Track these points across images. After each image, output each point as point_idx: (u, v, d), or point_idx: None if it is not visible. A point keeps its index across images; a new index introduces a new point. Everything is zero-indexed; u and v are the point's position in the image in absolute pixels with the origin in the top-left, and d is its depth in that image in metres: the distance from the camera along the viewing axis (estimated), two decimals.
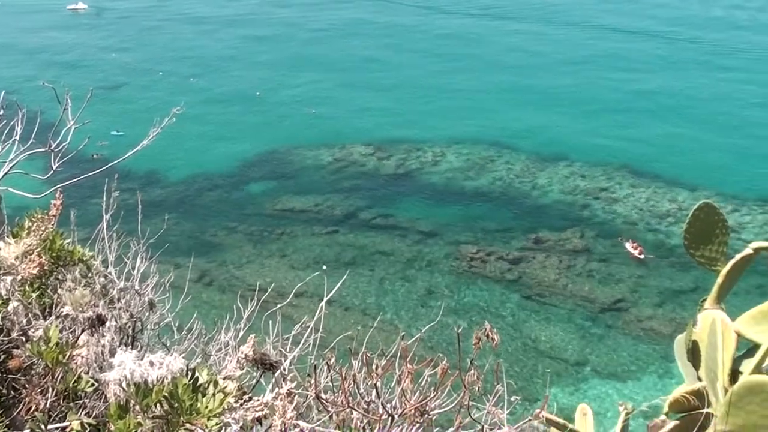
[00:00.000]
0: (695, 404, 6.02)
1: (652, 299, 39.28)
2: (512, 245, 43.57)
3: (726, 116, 60.43)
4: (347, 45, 79.45)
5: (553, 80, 67.63)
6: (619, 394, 32.26)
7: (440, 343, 30.61)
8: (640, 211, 46.74)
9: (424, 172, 52.18)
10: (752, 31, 79.50)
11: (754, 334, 5.95)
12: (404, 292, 40.03)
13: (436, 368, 4.85)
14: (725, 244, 6.32)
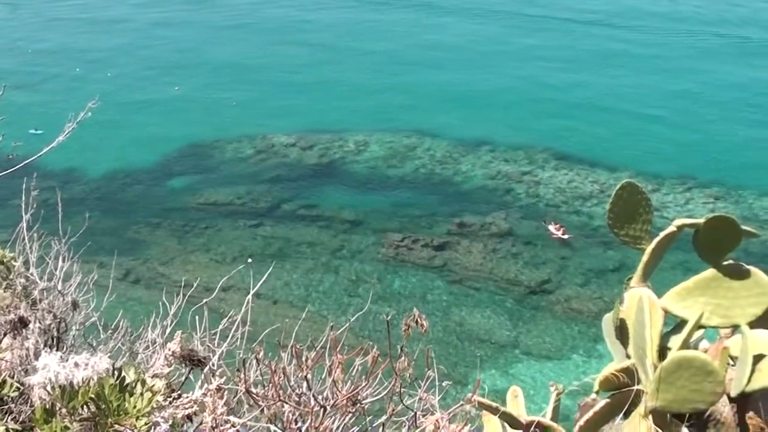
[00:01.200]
0: (625, 382, 6.08)
1: (578, 279, 39.75)
2: (437, 231, 43.76)
3: (642, 96, 61.25)
4: (264, 37, 78.70)
5: (472, 70, 67.79)
6: (550, 375, 32.60)
7: (371, 331, 30.69)
8: (563, 193, 47.23)
9: (348, 162, 52.11)
10: (666, 17, 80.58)
11: (680, 310, 6.03)
12: (332, 282, 40.00)
13: (367, 357, 4.83)
14: (649, 223, 6.39)
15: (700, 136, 54.62)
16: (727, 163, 50.89)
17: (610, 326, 6.71)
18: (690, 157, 51.58)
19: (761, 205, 46.18)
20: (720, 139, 54.28)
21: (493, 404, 6.35)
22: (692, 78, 64.87)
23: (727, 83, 63.92)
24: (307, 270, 41.04)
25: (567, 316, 37.19)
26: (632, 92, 61.97)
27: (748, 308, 6.13)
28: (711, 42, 74.14)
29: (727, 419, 5.84)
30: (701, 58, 69.73)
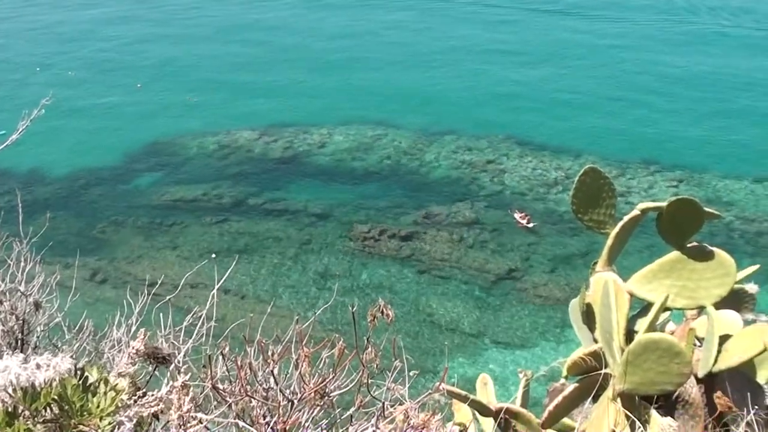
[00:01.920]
0: (593, 366, 6.10)
1: (545, 266, 39.91)
2: (404, 222, 43.78)
3: (603, 84, 61.55)
4: (223, 34, 78.35)
5: (433, 63, 67.83)
6: (520, 362, 32.73)
7: (339, 324, 30.66)
8: (528, 180, 47.37)
9: (312, 155, 52.00)
10: (625, 6, 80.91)
11: (646, 293, 6.07)
12: (299, 275, 39.93)
13: (333, 349, 4.82)
14: (613, 207, 6.42)
15: (663, 121, 54.97)
16: (689, 146, 51.26)
17: (576, 311, 6.74)
18: (653, 141, 51.92)
19: (724, 186, 46.56)
20: (682, 124, 54.65)
21: (462, 392, 6.36)
22: (651, 65, 65.24)
23: (688, 70, 64.31)
24: (275, 264, 40.95)
25: (535, 302, 37.33)
26: (593, 80, 62.26)
27: (712, 289, 6.18)
28: (671, 30, 74.51)
29: (695, 400, 5.88)
30: (661, 46, 70.11)
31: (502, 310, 37.27)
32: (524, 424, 6.57)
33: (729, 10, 77.36)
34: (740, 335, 5.99)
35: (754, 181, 47.01)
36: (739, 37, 71.06)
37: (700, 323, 6.40)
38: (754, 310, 6.80)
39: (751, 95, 58.55)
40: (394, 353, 4.77)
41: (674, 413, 5.90)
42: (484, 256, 40.79)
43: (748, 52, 67.21)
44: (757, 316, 6.52)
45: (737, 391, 5.87)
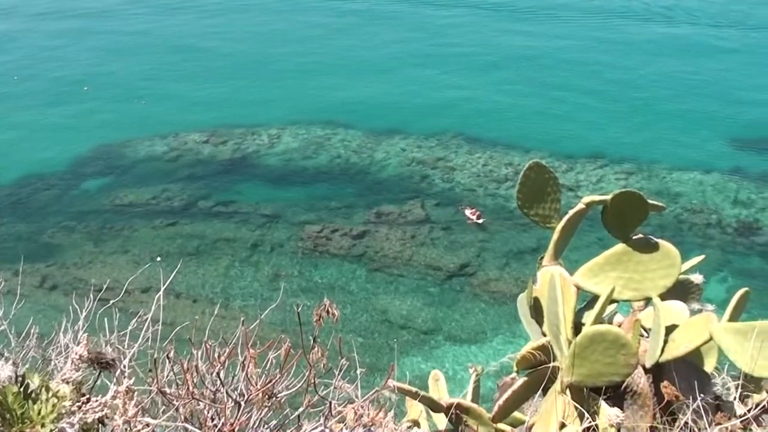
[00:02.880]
0: (542, 359, 6.15)
1: (497, 262, 40.06)
2: (355, 221, 43.75)
3: (550, 79, 61.92)
4: (166, 30, 77.77)
5: (378, 62, 67.86)
6: (474, 357, 32.85)
7: (290, 324, 30.57)
8: (477, 177, 47.52)
9: (262, 155, 51.79)
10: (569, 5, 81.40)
11: (592, 286, 6.13)
12: (251, 277, 39.78)
13: (280, 350, 4.82)
14: (558, 201, 6.48)
15: (610, 116, 55.41)
16: (637, 140, 51.74)
17: (524, 306, 6.80)
18: (600, 136, 52.31)
19: (672, 179, 47.02)
20: (629, 118, 55.14)
21: (413, 389, 6.39)
22: (598, 59, 65.72)
23: (632, 68, 64.90)
24: (227, 266, 40.77)
25: (488, 298, 37.48)
26: (538, 78, 62.54)
27: (658, 280, 6.25)
28: (613, 28, 75.12)
29: (643, 390, 5.94)
30: (603, 44, 70.66)
31: (455, 306, 37.39)
32: (475, 419, 6.62)
33: (675, 10, 78.08)
34: (686, 325, 6.07)
35: (702, 173, 47.54)
36: (681, 36, 71.76)
37: (647, 314, 6.48)
38: (700, 300, 6.90)
39: (696, 92, 59.20)
40: (341, 352, 4.77)
41: (623, 404, 5.96)
42: (437, 253, 40.88)
43: (690, 51, 67.91)
44: (703, 305, 6.60)
45: (684, 380, 5.94)
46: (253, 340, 4.58)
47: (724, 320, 5.99)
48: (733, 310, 6.19)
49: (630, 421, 5.91)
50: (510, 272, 38.86)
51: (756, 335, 5.43)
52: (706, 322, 5.89)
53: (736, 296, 6.31)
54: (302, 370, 4.83)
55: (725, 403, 6.19)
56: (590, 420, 5.65)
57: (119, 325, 5.57)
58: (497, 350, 33.49)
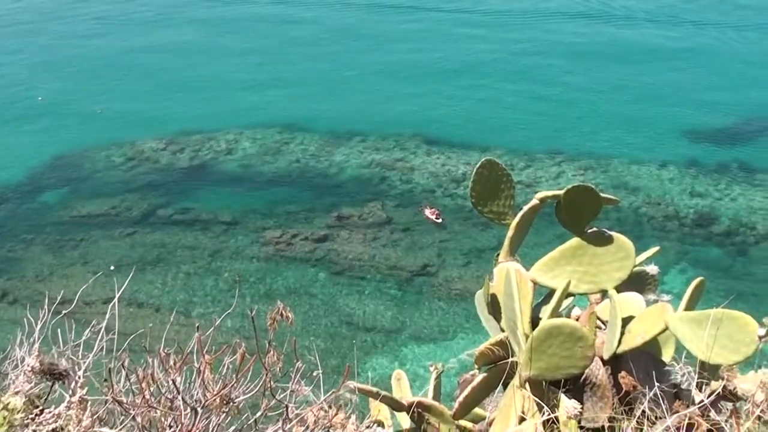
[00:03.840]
0: (501, 355, 6.19)
1: (458, 261, 40.21)
2: (316, 224, 43.70)
3: (505, 76, 62.21)
4: (119, 42, 77.13)
5: (331, 63, 67.81)
6: (437, 356, 32.91)
7: (249, 330, 30.49)
8: (436, 177, 47.64)
9: (220, 162, 51.58)
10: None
11: (548, 281, 6.18)
12: (213, 284, 39.61)
13: (235, 355, 4.82)
14: (512, 198, 6.53)
15: (566, 112, 55.76)
16: (595, 134, 52.13)
17: (482, 302, 6.84)
18: (558, 132, 52.65)
19: (630, 172, 47.43)
20: (585, 113, 55.51)
21: (373, 389, 6.41)
22: (552, 61, 66.10)
23: (591, 62, 65.34)
24: (188, 274, 40.58)
25: (450, 297, 37.61)
26: (493, 75, 62.80)
27: (613, 273, 6.31)
28: (567, 25, 75.62)
29: (602, 381, 6.00)
30: (560, 40, 71.10)
31: (418, 306, 37.48)
32: (437, 417, 6.65)
33: (630, 10, 78.66)
34: (642, 316, 6.14)
35: (659, 166, 47.99)
36: (633, 36, 72.37)
37: (604, 307, 6.54)
38: (656, 291, 6.97)
39: (649, 88, 59.72)
40: (296, 355, 4.77)
41: (583, 396, 6.01)
42: (398, 254, 40.95)
43: (642, 49, 68.47)
44: (659, 296, 6.67)
45: (642, 370, 6.01)
46: (210, 346, 4.57)
47: (680, 310, 6.06)
48: (689, 299, 6.26)
49: (590, 413, 5.97)
50: (471, 270, 39.00)
51: (711, 323, 5.50)
52: (661, 313, 5.96)
53: (691, 286, 6.38)
54: (261, 374, 4.83)
55: (683, 392, 6.26)
56: (549, 413, 5.70)
57: (77, 336, 5.54)
58: (460, 348, 33.55)
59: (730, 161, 48.69)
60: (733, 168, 47.96)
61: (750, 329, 5.43)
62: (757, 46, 66.57)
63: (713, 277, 37.29)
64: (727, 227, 42.32)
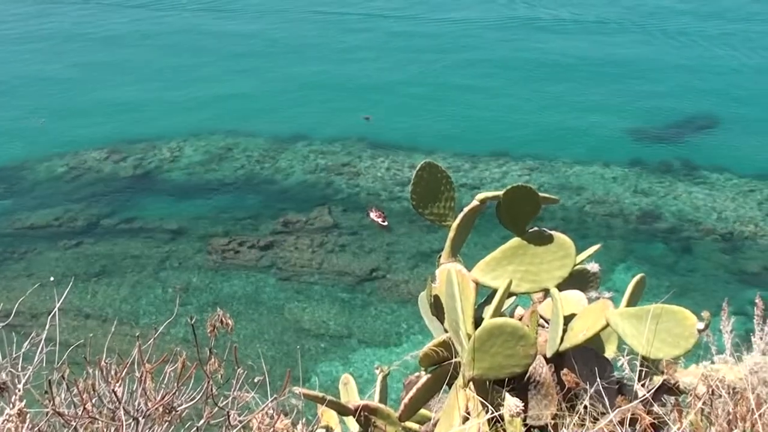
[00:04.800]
0: (445, 356, 6.22)
1: (406, 264, 40.30)
2: (263, 231, 43.56)
3: (447, 78, 62.44)
4: (56, 51, 76.25)
5: (275, 68, 67.67)
6: (387, 359, 32.93)
7: (201, 338, 30.35)
8: (382, 180, 47.72)
9: (164, 170, 51.21)
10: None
11: (490, 281, 6.22)
12: (160, 293, 39.30)
13: (176, 364, 4.80)
14: (452, 200, 6.57)
15: (510, 111, 56.15)
16: (538, 134, 52.53)
17: (425, 304, 6.88)
18: (501, 133, 52.95)
19: (574, 172, 47.86)
20: (529, 113, 55.93)
21: (319, 394, 6.41)
22: (491, 57, 66.55)
23: (531, 59, 65.85)
24: (134, 284, 40.23)
25: (399, 300, 37.67)
26: (438, 77, 63.08)
27: (554, 271, 6.37)
28: (508, 22, 76.15)
29: (546, 379, 6.05)
30: (499, 37, 71.59)
31: (367, 310, 37.51)
32: (383, 419, 6.67)
33: (565, 6, 79.43)
34: (584, 313, 6.21)
35: (602, 165, 48.48)
36: (574, 31, 73.10)
37: (547, 305, 6.60)
38: (598, 289, 7.05)
39: (592, 86, 60.33)
40: (237, 362, 4.76)
41: (528, 394, 6.07)
42: (346, 259, 40.95)
43: (583, 45, 69.20)
44: (600, 293, 6.76)
45: (586, 366, 6.07)
46: (152, 355, 4.55)
47: (621, 306, 6.14)
48: (630, 295, 6.34)
49: (535, 411, 6.02)
50: (419, 273, 39.09)
51: (651, 318, 5.57)
52: (602, 309, 6.03)
53: (632, 282, 6.46)
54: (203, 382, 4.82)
55: (626, 387, 6.33)
56: (493, 412, 5.74)
57: (18, 348, 5.48)
58: (410, 350, 33.46)
59: (672, 160, 49.31)
60: (675, 166, 48.59)
61: (689, 323, 5.51)
62: (691, 50, 67.51)
63: (659, 274, 37.81)
64: (671, 224, 42.85)
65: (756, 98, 57.51)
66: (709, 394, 6.05)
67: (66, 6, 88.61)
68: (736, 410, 5.82)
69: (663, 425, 5.93)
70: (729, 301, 7.57)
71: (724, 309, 6.59)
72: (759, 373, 6.13)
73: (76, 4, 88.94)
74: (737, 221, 42.92)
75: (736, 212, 43.69)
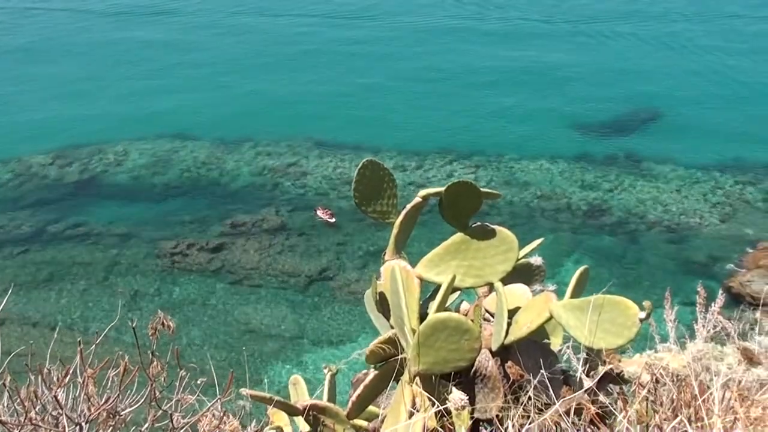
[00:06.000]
0: (391, 352, 6.24)
1: (356, 262, 40.31)
2: (211, 234, 43.32)
3: (392, 77, 62.56)
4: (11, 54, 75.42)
5: (221, 72, 67.37)
6: (337, 359, 32.88)
7: (142, 340, 30.12)
8: (330, 180, 47.70)
9: (110, 174, 50.75)
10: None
11: (434, 276, 6.26)
12: (109, 299, 38.95)
13: (119, 368, 4.78)
14: (395, 197, 6.60)
15: (455, 110, 56.37)
16: (484, 132, 52.78)
17: (370, 301, 6.90)
18: (449, 130, 53.16)
19: (521, 168, 48.17)
20: (473, 111, 56.18)
21: (266, 395, 6.41)
22: (435, 58, 66.82)
23: (474, 58, 66.17)
24: (83, 290, 39.83)
25: (349, 299, 37.65)
26: (382, 77, 63.13)
27: (497, 266, 6.41)
28: (446, 20, 76.47)
29: (492, 373, 6.09)
30: (443, 38, 71.87)
31: (318, 311, 37.47)
32: (332, 418, 6.68)
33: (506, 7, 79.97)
34: (528, 306, 6.26)
35: (549, 161, 48.85)
36: (514, 30, 73.65)
37: (492, 299, 6.65)
38: (543, 282, 7.12)
39: (534, 83, 60.82)
40: (179, 364, 4.75)
41: (475, 388, 6.11)
42: (295, 260, 40.86)
43: (527, 44, 69.74)
44: (544, 286, 6.83)
45: (531, 358, 6.12)
46: (93, 360, 4.52)
47: (566, 298, 6.19)
48: (574, 287, 6.40)
49: (482, 404, 6.06)
50: (369, 272, 38.99)
51: (593, 309, 5.62)
52: (545, 302, 6.08)
53: (576, 274, 6.53)
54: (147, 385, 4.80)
55: (572, 378, 6.40)
56: (439, 406, 5.77)
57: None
58: (362, 348, 33.60)
59: (617, 153, 49.85)
60: (621, 159, 49.11)
61: (631, 313, 5.57)
62: (631, 43, 68.36)
63: (607, 266, 38.24)
64: (618, 217, 43.30)
65: (697, 93, 58.33)
66: (653, 382, 6.14)
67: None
68: (680, 397, 5.90)
69: (609, 415, 6.00)
70: (675, 291, 7.66)
71: (666, 298, 6.69)
72: (702, 360, 6.22)
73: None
74: (682, 213, 43.48)
75: (681, 204, 44.26)
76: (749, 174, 46.78)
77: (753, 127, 52.07)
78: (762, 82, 59.02)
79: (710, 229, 42.09)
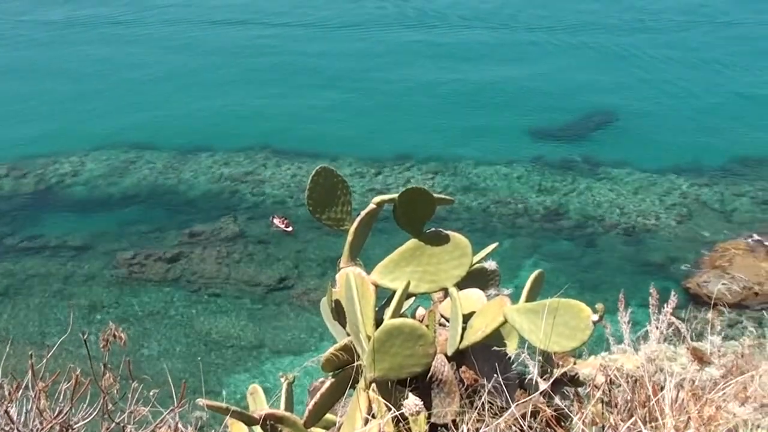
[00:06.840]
0: (347, 359, 6.26)
1: (314, 271, 40.27)
2: (168, 244, 43.05)
3: (347, 87, 62.61)
4: None
5: (182, 80, 67.01)
6: (298, 367, 32.78)
7: (97, 353, 29.86)
8: (287, 188, 47.61)
9: (66, 185, 50.27)
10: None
11: (389, 282, 6.29)
12: (64, 312, 38.51)
13: (71, 381, 4.75)
14: (349, 204, 6.63)
15: (412, 116, 56.52)
16: (441, 138, 52.97)
17: (326, 309, 6.92)
18: (406, 137, 53.26)
19: (478, 173, 48.38)
20: (430, 117, 56.38)
21: (222, 405, 6.39)
22: (389, 63, 67.02)
23: (427, 66, 66.41)
24: (39, 303, 39.41)
25: (309, 307, 37.55)
26: (337, 86, 63.14)
27: (452, 271, 6.45)
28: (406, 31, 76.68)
29: (448, 377, 6.12)
30: (383, 42, 72.10)
31: (278, 319, 37.38)
32: (289, 427, 6.68)
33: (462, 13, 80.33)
34: (482, 311, 6.30)
35: (506, 166, 49.12)
36: (468, 40, 73.98)
37: (447, 305, 6.69)
38: (498, 286, 7.16)
39: (487, 90, 61.10)
40: (131, 375, 4.73)
41: (432, 393, 6.13)
42: (254, 269, 40.74)
43: (480, 51, 70.08)
44: (499, 291, 6.86)
45: (487, 363, 6.16)
46: (44, 373, 4.48)
47: (521, 302, 6.24)
48: (529, 291, 6.45)
49: (439, 408, 6.09)
50: (328, 280, 38.77)
51: (547, 312, 5.67)
52: (500, 306, 6.12)
53: (530, 278, 6.59)
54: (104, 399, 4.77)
55: (528, 381, 6.44)
56: (395, 412, 5.79)
57: None
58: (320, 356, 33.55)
59: (574, 157, 50.21)
60: (577, 163, 49.48)
61: (584, 315, 5.63)
62: (584, 53, 68.91)
63: (565, 270, 38.47)
64: (575, 220, 43.62)
65: (652, 94, 58.96)
66: (607, 383, 6.20)
67: None
68: (635, 398, 5.96)
69: (565, 417, 6.05)
70: (633, 292, 7.74)
71: (621, 300, 6.75)
72: (656, 360, 6.29)
73: None
74: (639, 215, 43.89)
75: (638, 206, 44.67)
76: (705, 176, 47.33)
77: (706, 133, 52.72)
78: (713, 91, 59.75)
79: (667, 231, 42.52)
